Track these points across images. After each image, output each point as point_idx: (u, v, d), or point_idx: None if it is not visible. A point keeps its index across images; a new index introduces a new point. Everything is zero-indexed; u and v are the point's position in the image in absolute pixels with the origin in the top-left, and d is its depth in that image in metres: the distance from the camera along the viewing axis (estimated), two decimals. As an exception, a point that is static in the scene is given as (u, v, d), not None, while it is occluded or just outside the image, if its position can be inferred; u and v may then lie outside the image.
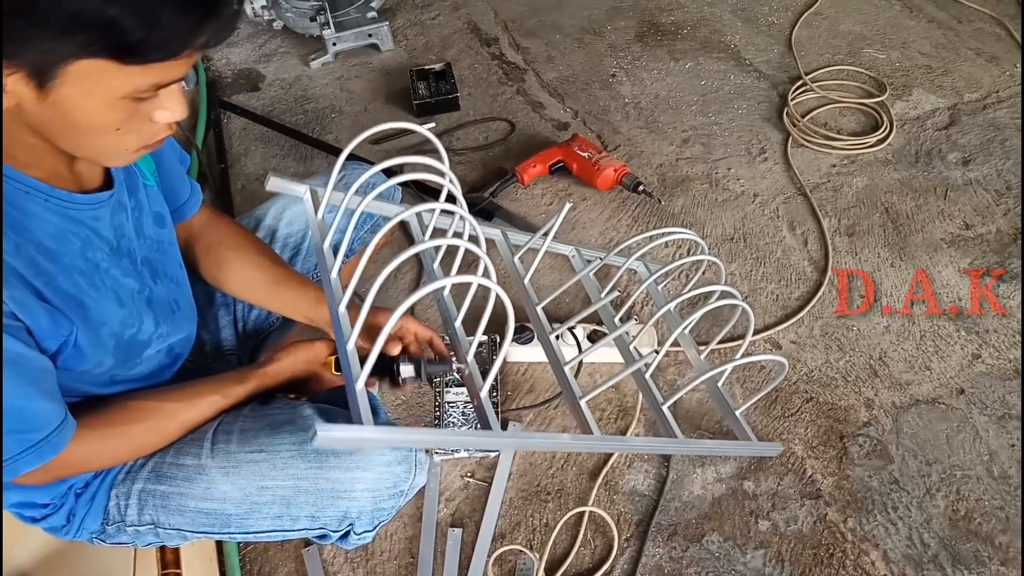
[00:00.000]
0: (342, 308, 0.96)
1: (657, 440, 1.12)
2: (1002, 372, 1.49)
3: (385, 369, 1.05)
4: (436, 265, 1.20)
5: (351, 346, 0.90)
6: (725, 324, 1.23)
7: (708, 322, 1.58)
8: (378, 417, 1.06)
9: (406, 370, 1.05)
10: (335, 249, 1.05)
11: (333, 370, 1.07)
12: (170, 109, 0.77)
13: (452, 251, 1.01)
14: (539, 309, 1.22)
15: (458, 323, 1.09)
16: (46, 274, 0.78)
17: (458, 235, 1.13)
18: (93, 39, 0.65)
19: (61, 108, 0.70)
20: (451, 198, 1.10)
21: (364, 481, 0.99)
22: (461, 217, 1.03)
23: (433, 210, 1.23)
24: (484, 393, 0.96)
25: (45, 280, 0.78)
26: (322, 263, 1.05)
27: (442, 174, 1.05)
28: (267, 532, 1.02)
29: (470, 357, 1.00)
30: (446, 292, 1.15)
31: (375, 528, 1.06)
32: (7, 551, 1.07)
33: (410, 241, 1.75)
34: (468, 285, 0.88)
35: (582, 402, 1.05)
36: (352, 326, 0.89)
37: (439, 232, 1.21)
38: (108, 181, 0.89)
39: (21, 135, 0.75)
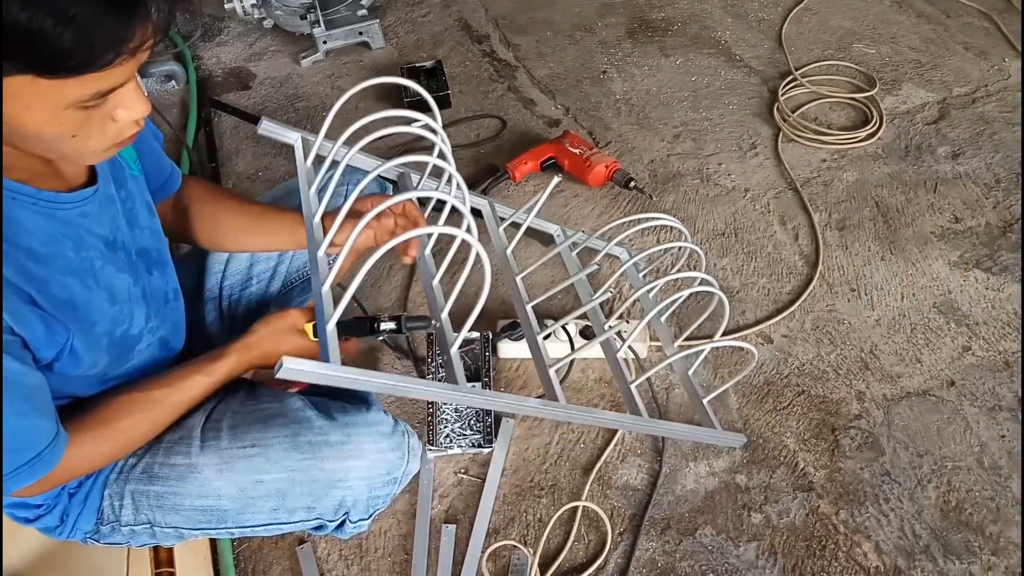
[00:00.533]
0: (321, 252, 0.97)
1: (622, 416, 1.13)
2: (992, 364, 1.49)
3: (365, 325, 1.05)
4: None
5: (326, 288, 0.91)
6: (715, 320, 1.24)
7: (697, 316, 1.59)
8: (370, 408, 1.06)
9: (386, 325, 1.05)
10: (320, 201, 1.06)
11: (312, 336, 1.06)
12: (130, 108, 0.73)
13: (437, 216, 1.02)
14: (519, 280, 1.23)
15: (436, 281, 1.10)
16: (38, 280, 0.77)
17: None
18: (13, 55, 0.61)
19: (8, 122, 0.67)
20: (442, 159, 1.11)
21: (358, 469, 0.99)
22: (449, 178, 1.04)
23: (420, 171, 1.25)
24: (454, 350, 0.97)
25: (37, 286, 0.77)
26: (306, 207, 1.07)
27: (435, 131, 1.06)
28: (264, 526, 1.03)
29: (444, 314, 1.01)
30: (427, 250, 1.16)
31: (371, 516, 1.07)
32: (-1, 552, 1.07)
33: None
34: (449, 246, 0.89)
35: (551, 370, 1.07)
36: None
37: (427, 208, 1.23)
38: (93, 176, 0.87)
39: None
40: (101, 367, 0.89)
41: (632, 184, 1.83)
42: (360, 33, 2.38)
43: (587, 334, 1.49)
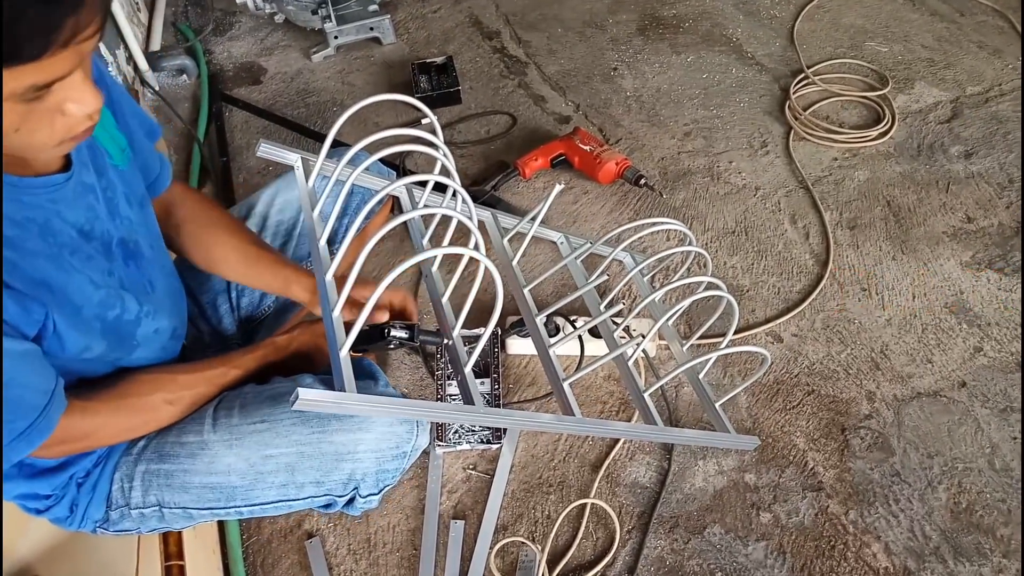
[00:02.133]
0: (329, 276, 0.96)
1: (638, 427, 1.13)
2: (1004, 365, 1.49)
3: (377, 334, 1.06)
4: (426, 240, 1.20)
5: (336, 313, 0.91)
6: (725, 319, 1.23)
7: (707, 314, 1.58)
8: (378, 384, 1.06)
9: (398, 332, 1.05)
10: (324, 220, 1.06)
11: None
12: (77, 101, 0.69)
13: (442, 231, 1.01)
14: (526, 292, 1.23)
15: (445, 299, 1.10)
16: (7, 262, 0.75)
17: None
18: None
19: None
20: (444, 174, 1.10)
21: (367, 442, 1.00)
22: (454, 193, 1.03)
23: (424, 186, 1.24)
24: (468, 369, 0.97)
25: (8, 268, 0.75)
26: (311, 231, 1.05)
27: (436, 146, 1.06)
28: (273, 503, 1.03)
29: (456, 333, 1.01)
30: (434, 268, 1.16)
31: (380, 492, 1.07)
32: (9, 544, 1.08)
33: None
34: (457, 263, 0.88)
35: (565, 384, 1.06)
36: (339, 296, 0.90)
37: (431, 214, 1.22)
38: (68, 163, 0.84)
39: None
40: (99, 352, 0.88)
41: (642, 181, 1.83)
42: (371, 28, 2.38)
43: (596, 332, 1.49)
